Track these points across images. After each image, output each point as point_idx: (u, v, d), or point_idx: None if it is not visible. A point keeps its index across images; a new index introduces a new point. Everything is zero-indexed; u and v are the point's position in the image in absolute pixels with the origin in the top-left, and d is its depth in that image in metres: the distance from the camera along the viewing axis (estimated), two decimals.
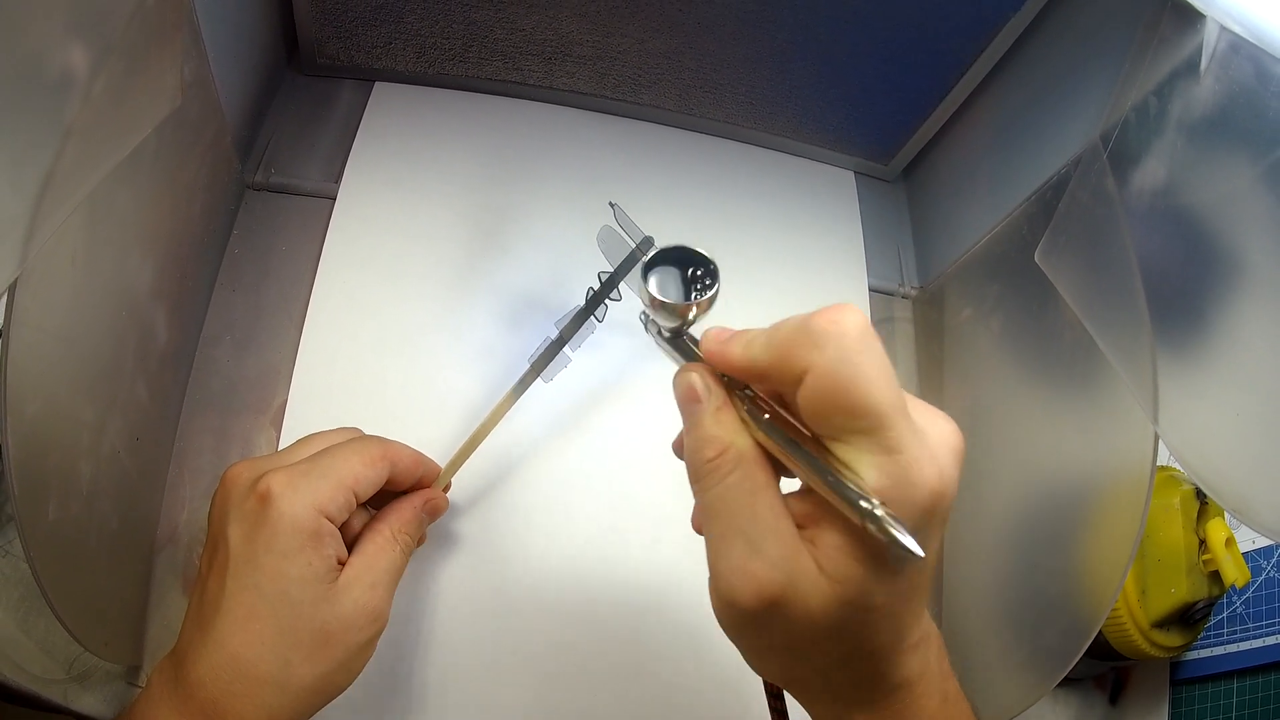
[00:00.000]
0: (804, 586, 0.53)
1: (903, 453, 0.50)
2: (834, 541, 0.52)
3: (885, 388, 0.50)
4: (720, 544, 0.56)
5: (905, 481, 0.50)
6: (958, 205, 1.16)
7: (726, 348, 0.58)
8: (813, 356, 0.51)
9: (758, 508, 0.55)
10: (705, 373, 0.60)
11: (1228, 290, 0.72)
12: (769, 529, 0.54)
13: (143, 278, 0.81)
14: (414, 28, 1.09)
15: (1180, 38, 0.73)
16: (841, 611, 0.53)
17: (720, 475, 0.56)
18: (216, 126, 0.93)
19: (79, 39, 0.60)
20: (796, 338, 0.52)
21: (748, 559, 0.54)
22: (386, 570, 0.76)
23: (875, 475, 0.50)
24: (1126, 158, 0.80)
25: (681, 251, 0.62)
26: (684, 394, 0.60)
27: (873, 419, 0.50)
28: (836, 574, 0.52)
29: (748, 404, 0.58)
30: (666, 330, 0.65)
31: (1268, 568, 1.10)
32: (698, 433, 0.58)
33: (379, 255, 1.05)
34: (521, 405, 0.87)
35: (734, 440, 0.57)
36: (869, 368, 0.50)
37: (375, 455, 0.77)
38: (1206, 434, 0.73)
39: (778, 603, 0.53)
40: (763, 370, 0.55)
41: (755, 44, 1.09)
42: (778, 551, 0.53)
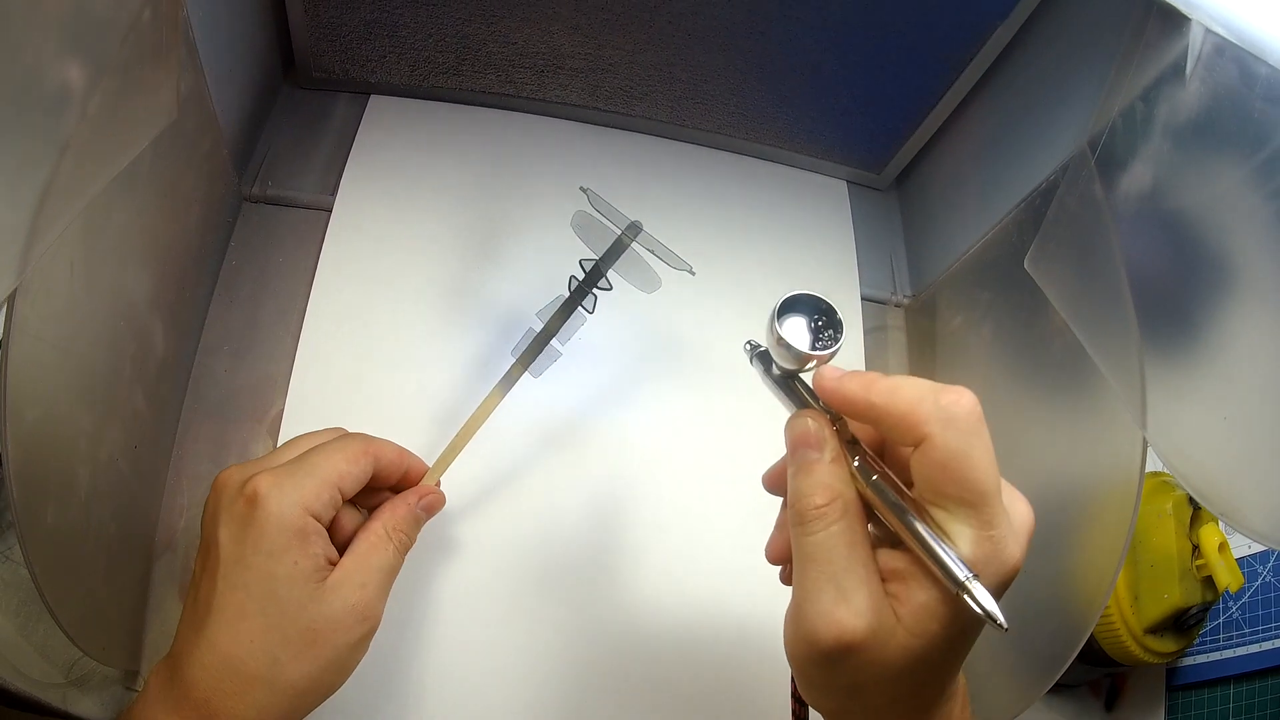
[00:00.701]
0: (884, 637, 0.55)
1: (996, 529, 0.54)
2: (920, 600, 0.55)
3: (992, 469, 0.55)
4: (813, 587, 0.58)
5: (995, 557, 0.54)
6: (949, 213, 1.17)
7: (843, 383, 0.59)
8: (935, 428, 0.54)
9: (854, 559, 0.57)
10: (823, 422, 0.62)
11: (1215, 294, 0.72)
12: (861, 580, 0.57)
13: (140, 288, 0.82)
14: (408, 42, 1.09)
15: (1165, 42, 0.73)
16: (911, 663, 0.56)
17: (826, 523, 0.58)
18: (213, 139, 0.94)
19: (75, 56, 0.60)
20: (924, 404, 0.55)
21: (836, 605, 0.56)
22: (378, 569, 0.76)
23: (970, 547, 0.54)
24: (1114, 163, 0.80)
25: (814, 300, 0.63)
26: (799, 438, 0.62)
27: (978, 495, 0.54)
28: (915, 630, 0.55)
29: (858, 459, 0.60)
30: (779, 369, 0.66)
31: (1263, 573, 1.10)
32: (811, 478, 0.60)
33: (374, 266, 1.05)
34: (516, 406, 0.87)
35: (844, 491, 0.59)
36: (980, 448, 0.54)
37: (357, 451, 0.78)
38: (1195, 439, 0.73)
39: (856, 649, 0.55)
40: (877, 415, 0.58)
41: (746, 55, 1.09)
42: (866, 603, 0.56)
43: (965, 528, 0.54)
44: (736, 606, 0.97)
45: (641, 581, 0.96)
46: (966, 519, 0.54)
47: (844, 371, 0.60)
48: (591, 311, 0.86)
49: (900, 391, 0.57)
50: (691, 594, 0.97)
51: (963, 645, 0.58)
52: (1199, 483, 0.72)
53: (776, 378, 0.67)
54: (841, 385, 0.59)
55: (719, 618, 0.97)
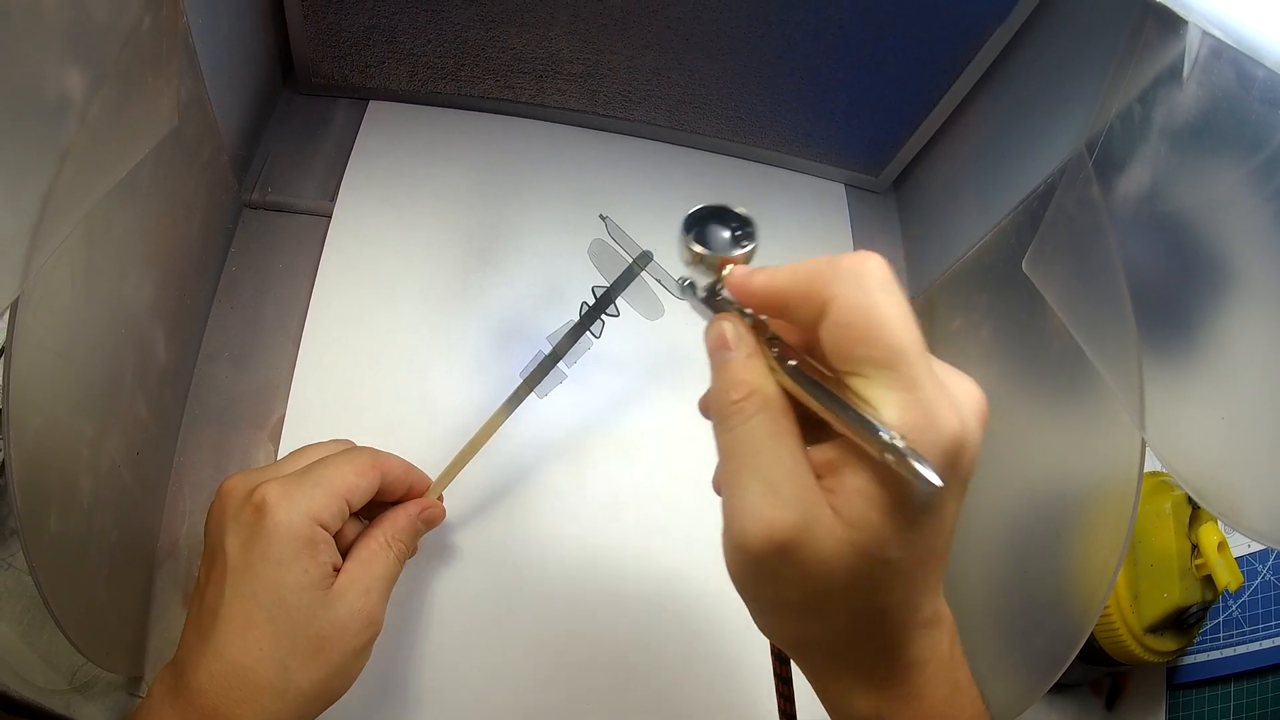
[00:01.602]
0: (819, 530, 0.52)
1: (922, 390, 0.50)
2: (853, 485, 0.52)
3: (904, 323, 0.51)
4: (737, 485, 0.55)
5: (925, 420, 0.50)
6: (947, 216, 1.17)
7: (750, 278, 0.58)
8: (835, 289, 0.52)
9: (779, 450, 0.54)
10: (737, 321, 0.60)
11: (1213, 295, 0.72)
12: (787, 471, 0.53)
13: (142, 295, 0.82)
14: (407, 47, 1.10)
15: (1163, 44, 0.73)
16: (856, 560, 0.52)
17: (744, 416, 0.56)
18: (213, 146, 0.94)
19: (74, 63, 0.60)
20: (821, 270, 0.53)
21: (763, 499, 0.53)
22: (380, 577, 0.77)
23: (896, 411, 0.50)
24: (1112, 165, 0.80)
25: (720, 209, 0.63)
26: (715, 341, 0.60)
27: (893, 352, 0.50)
28: (853, 519, 0.51)
29: (776, 350, 0.58)
30: (703, 289, 0.65)
31: (1263, 571, 1.10)
32: (726, 376, 0.58)
33: (374, 272, 1.06)
34: (519, 419, 0.87)
35: (761, 384, 0.56)
36: (888, 303, 0.51)
37: (366, 464, 0.78)
38: (1193, 439, 0.73)
39: (791, 545, 0.52)
40: (784, 298, 0.56)
41: (743, 59, 1.09)
42: (794, 492, 0.52)
43: (887, 392, 0.50)
44: (738, 617, 0.97)
45: (641, 590, 0.97)
46: (886, 383, 0.50)
47: (752, 269, 0.59)
48: (598, 336, 0.86)
49: (801, 268, 0.55)
50: (691, 602, 0.97)
51: (917, 540, 0.53)
52: (1197, 482, 0.72)
53: (704, 299, 0.66)
54: (749, 280, 0.58)
55: (719, 627, 0.97)
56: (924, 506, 0.52)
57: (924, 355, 0.51)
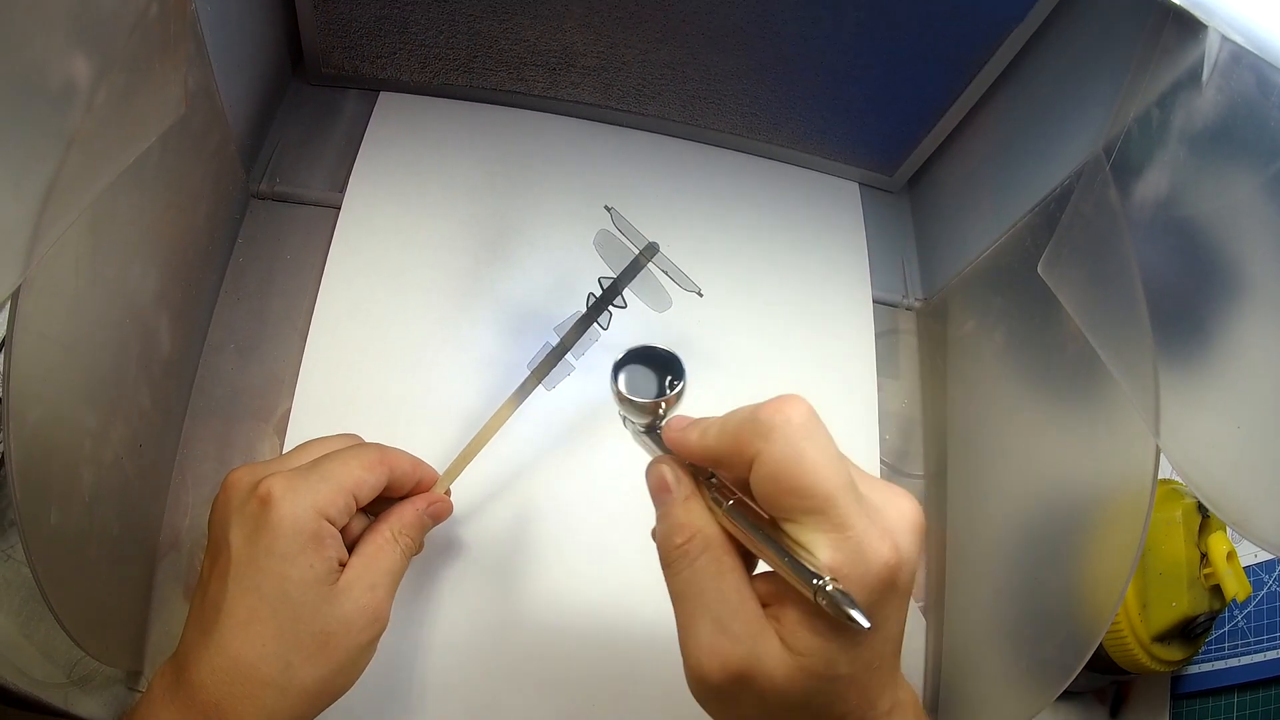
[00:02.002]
0: (769, 661, 0.55)
1: (852, 529, 0.53)
2: (795, 617, 0.55)
3: (829, 469, 0.54)
4: (689, 624, 0.58)
5: (857, 557, 0.53)
6: (962, 217, 1.16)
7: (684, 435, 0.62)
8: (759, 444, 0.55)
9: (724, 589, 0.58)
10: (674, 464, 0.63)
11: (1230, 302, 0.71)
12: (734, 609, 0.57)
13: (146, 285, 0.82)
14: (419, 38, 1.09)
15: (1182, 48, 0.73)
16: (807, 682, 0.55)
17: (689, 560, 0.59)
18: (221, 135, 0.94)
19: (81, 50, 0.60)
20: (745, 426, 0.56)
21: (714, 637, 0.56)
22: (386, 571, 0.76)
23: (828, 553, 0.53)
24: (1129, 169, 0.80)
25: (648, 350, 0.66)
26: (655, 484, 0.64)
27: (819, 499, 0.53)
28: (798, 647, 0.55)
29: (713, 491, 0.61)
30: (640, 425, 0.68)
31: (1269, 581, 1.09)
32: (668, 521, 0.62)
33: (383, 264, 1.05)
34: (526, 412, 0.87)
35: (702, 526, 0.60)
36: (812, 452, 0.54)
37: (374, 460, 0.78)
38: (1208, 447, 0.73)
39: (744, 676, 0.55)
40: (715, 456, 0.59)
41: (759, 55, 1.09)
42: (742, 629, 0.56)
43: (818, 534, 0.54)
44: None
45: (651, 586, 0.96)
46: (817, 525, 0.54)
47: (689, 421, 0.62)
48: (606, 328, 0.86)
49: (728, 424, 0.58)
50: None
51: (865, 655, 0.56)
52: (1211, 491, 0.72)
53: (639, 434, 0.69)
54: (683, 438, 0.62)
55: None
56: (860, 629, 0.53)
57: (851, 492, 0.55)
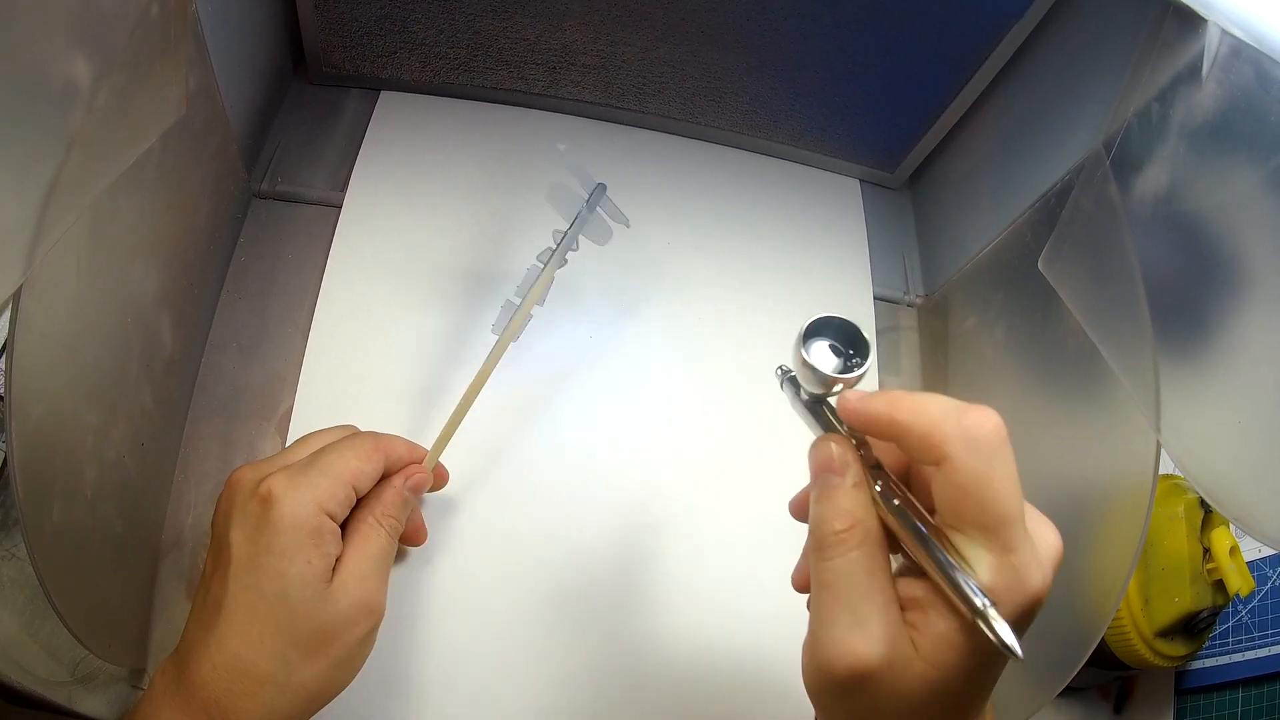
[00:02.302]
0: (900, 666, 0.54)
1: (1017, 555, 0.52)
2: (938, 630, 0.54)
3: (1014, 494, 0.53)
4: (829, 612, 0.57)
5: (1016, 584, 0.52)
6: (962, 213, 1.16)
7: (868, 403, 0.59)
8: (958, 447, 0.53)
9: (872, 586, 0.56)
10: (847, 446, 0.60)
11: (1231, 297, 0.71)
12: (878, 608, 0.55)
13: (148, 285, 0.82)
14: (419, 37, 1.09)
15: (1182, 43, 0.73)
16: (928, 694, 0.54)
17: (845, 549, 0.57)
18: (222, 135, 0.94)
19: (82, 50, 0.60)
20: (946, 423, 0.54)
21: (851, 632, 0.55)
22: (373, 557, 0.77)
23: (990, 574, 0.52)
24: (1129, 164, 0.80)
25: (840, 323, 0.63)
26: (822, 463, 0.61)
27: (999, 520, 0.52)
28: (933, 660, 0.54)
29: (880, 484, 0.59)
30: (806, 394, 0.65)
31: (1274, 576, 1.09)
32: (832, 504, 0.59)
33: (384, 263, 1.05)
34: (521, 402, 0.87)
35: (864, 518, 0.58)
36: (1005, 472, 0.53)
37: (369, 448, 0.79)
38: (1209, 442, 0.73)
39: (872, 678, 0.54)
40: (899, 432, 0.57)
41: (759, 52, 1.09)
42: (882, 631, 0.54)
43: (985, 553, 0.53)
44: (755, 606, 0.96)
45: (654, 583, 0.96)
46: (986, 544, 0.53)
47: (868, 392, 0.59)
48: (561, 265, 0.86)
49: (924, 410, 0.56)
50: (705, 598, 0.96)
51: (984, 678, 0.56)
52: (1213, 486, 0.72)
53: (805, 402, 0.66)
54: (866, 405, 0.58)
55: (736, 617, 0.96)
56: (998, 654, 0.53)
57: (1023, 520, 0.54)
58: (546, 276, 0.86)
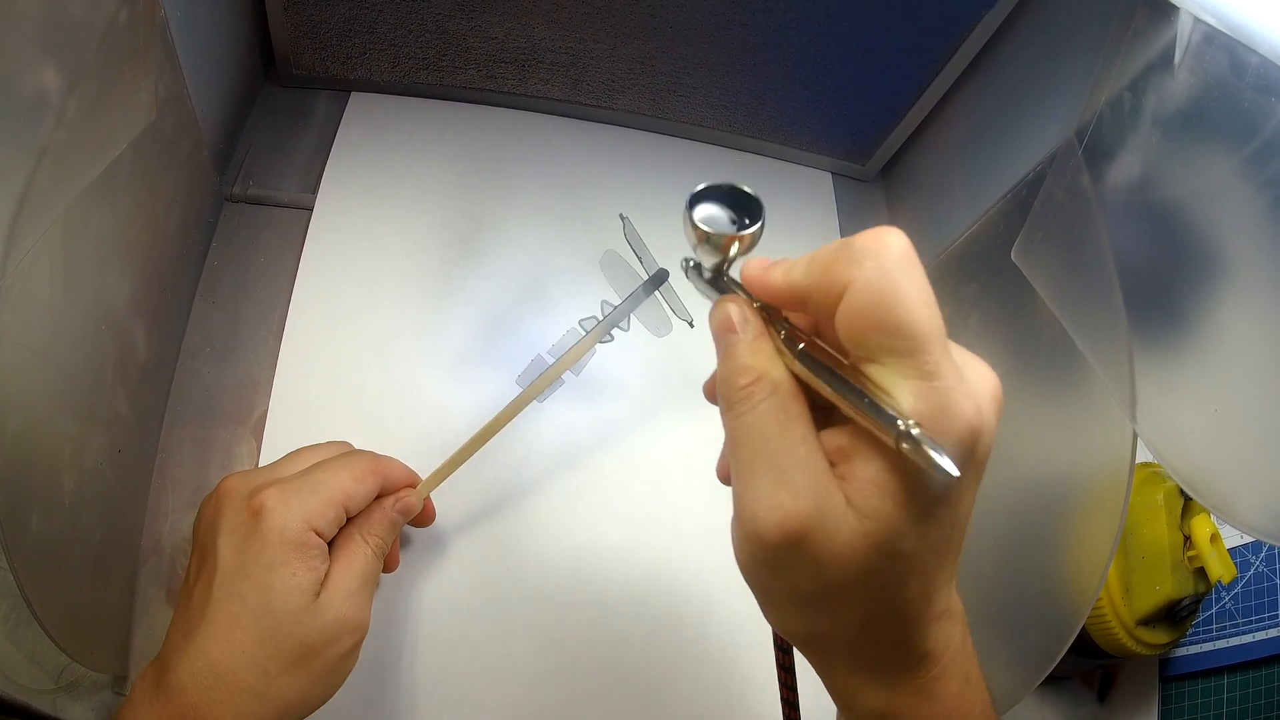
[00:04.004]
0: (832, 520, 0.50)
1: (940, 379, 0.48)
2: (867, 474, 0.50)
3: (926, 309, 0.49)
4: (748, 473, 0.53)
5: (942, 410, 0.48)
6: (935, 204, 1.17)
7: (768, 274, 0.56)
8: (852, 272, 0.49)
9: (789, 437, 0.53)
10: (743, 304, 0.58)
11: (1205, 285, 0.72)
12: (799, 459, 0.52)
13: (121, 291, 0.81)
14: (388, 38, 1.09)
15: (1154, 31, 0.73)
16: (869, 553, 0.50)
17: (753, 403, 0.54)
18: (193, 140, 0.93)
19: (51, 60, 0.60)
20: (838, 255, 0.50)
21: (775, 488, 0.51)
22: (359, 574, 0.76)
23: (912, 400, 0.48)
24: (1102, 153, 0.80)
25: (727, 188, 0.60)
26: (720, 325, 0.58)
27: (911, 339, 0.48)
28: (867, 509, 0.50)
29: (784, 333, 0.56)
30: (708, 270, 0.63)
31: (1256, 562, 1.10)
32: (732, 362, 0.56)
33: (356, 265, 1.05)
34: (521, 422, 0.87)
35: (769, 369, 0.55)
36: (910, 286, 0.48)
37: (365, 470, 0.79)
38: (1185, 431, 0.73)
39: (803, 536, 0.50)
40: (803, 292, 0.54)
41: (728, 47, 1.09)
42: (807, 482, 0.51)
43: (903, 380, 0.48)
44: (730, 615, 0.96)
45: (633, 592, 0.96)
46: (903, 370, 0.49)
47: (769, 261, 0.57)
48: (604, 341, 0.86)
49: (817, 257, 0.53)
50: (683, 599, 0.97)
51: (932, 532, 0.52)
52: (1189, 475, 0.72)
53: (708, 279, 0.63)
54: (766, 275, 0.56)
55: (715, 630, 0.96)
56: (940, 497, 0.50)
57: (943, 340, 0.49)
58: (585, 344, 0.85)
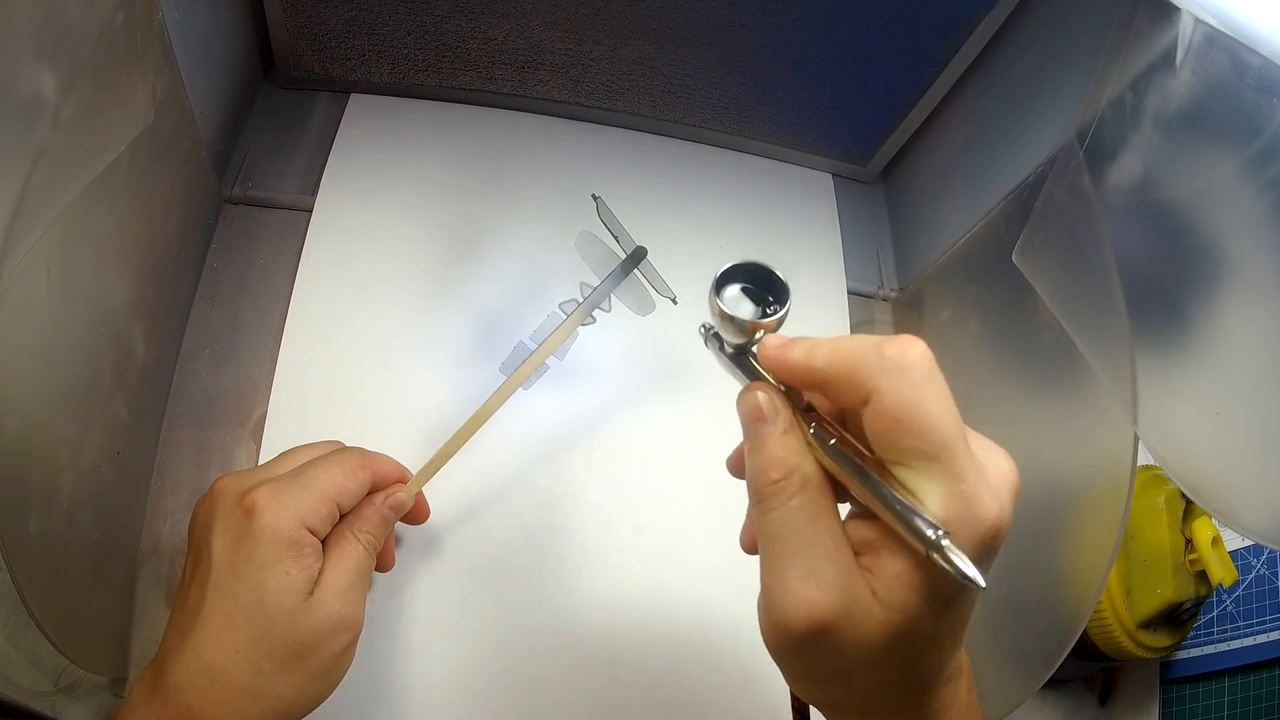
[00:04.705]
0: (859, 614, 0.52)
1: (965, 483, 0.50)
2: (894, 571, 0.52)
3: (950, 415, 0.51)
4: (777, 566, 0.55)
5: (968, 512, 0.50)
6: (936, 206, 1.16)
7: (786, 352, 0.57)
8: (880, 380, 0.51)
9: (818, 532, 0.54)
10: (773, 393, 0.58)
11: (1206, 287, 0.72)
12: (828, 554, 0.54)
13: (120, 293, 0.81)
14: (387, 39, 1.09)
15: (1155, 32, 0.73)
16: (891, 640, 0.53)
17: (784, 498, 0.55)
18: (192, 141, 0.93)
19: (48, 62, 0.60)
20: (866, 357, 0.52)
21: (804, 583, 0.53)
22: (352, 572, 0.76)
23: (939, 504, 0.50)
24: (1103, 154, 0.80)
25: (754, 268, 0.61)
26: (750, 413, 0.59)
27: (939, 446, 0.50)
28: (892, 602, 0.52)
29: (813, 426, 0.57)
30: (730, 346, 0.64)
31: (1257, 565, 1.10)
32: (764, 454, 0.57)
33: (355, 267, 1.05)
34: (510, 414, 0.87)
35: (800, 464, 0.56)
36: (936, 396, 0.51)
37: (355, 465, 0.78)
38: (1186, 434, 0.73)
39: (830, 628, 0.52)
40: (822, 379, 0.55)
41: (728, 48, 1.09)
42: (835, 578, 0.53)
43: (931, 483, 0.51)
44: (726, 607, 0.96)
45: (628, 591, 0.96)
46: (930, 474, 0.51)
47: (788, 339, 0.58)
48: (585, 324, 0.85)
49: (842, 350, 0.54)
50: (679, 596, 0.97)
51: (950, 617, 0.54)
52: (1191, 478, 0.72)
53: (730, 355, 0.64)
54: (785, 354, 0.57)
55: (708, 619, 0.96)
56: (961, 589, 0.52)
57: (966, 444, 0.51)
58: (568, 327, 0.85)
